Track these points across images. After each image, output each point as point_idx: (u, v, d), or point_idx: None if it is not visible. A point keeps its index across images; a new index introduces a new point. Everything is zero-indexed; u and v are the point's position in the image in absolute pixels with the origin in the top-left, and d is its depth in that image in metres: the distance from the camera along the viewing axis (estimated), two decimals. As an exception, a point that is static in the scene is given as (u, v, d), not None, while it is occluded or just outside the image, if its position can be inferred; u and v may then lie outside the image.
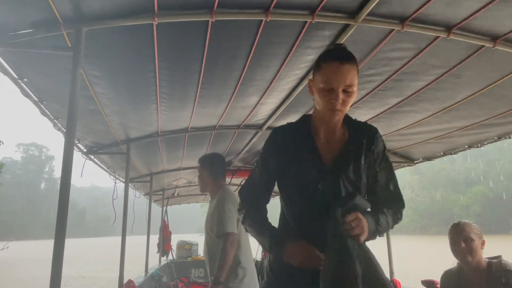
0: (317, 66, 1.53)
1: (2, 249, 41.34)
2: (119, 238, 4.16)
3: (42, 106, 2.56)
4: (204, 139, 4.42)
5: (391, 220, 1.61)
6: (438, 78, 2.62)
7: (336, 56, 1.48)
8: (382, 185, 1.65)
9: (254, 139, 4.44)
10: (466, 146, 3.92)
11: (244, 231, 2.84)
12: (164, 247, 8.54)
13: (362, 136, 1.65)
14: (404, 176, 69.16)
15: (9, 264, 23.38)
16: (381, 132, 3.92)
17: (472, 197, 53.74)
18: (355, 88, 1.48)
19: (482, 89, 2.70)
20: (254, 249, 3.76)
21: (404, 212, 1.70)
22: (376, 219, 1.53)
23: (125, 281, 3.96)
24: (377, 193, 1.65)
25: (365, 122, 1.76)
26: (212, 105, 3.29)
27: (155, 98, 2.87)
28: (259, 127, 4.04)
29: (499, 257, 2.31)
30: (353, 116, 3.65)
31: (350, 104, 1.51)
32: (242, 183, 1.77)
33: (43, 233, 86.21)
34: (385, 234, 4.42)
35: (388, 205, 1.63)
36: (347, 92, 1.46)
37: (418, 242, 37.51)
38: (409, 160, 4.63)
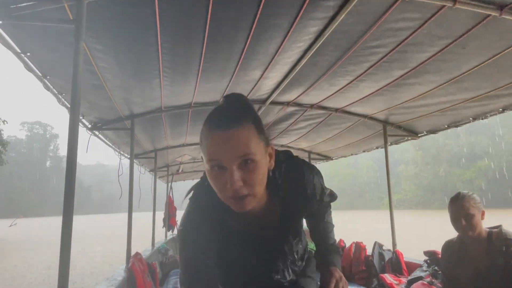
0: (200, 137, 1.06)
1: (10, 225, 42.18)
2: (125, 215, 4.23)
3: (45, 81, 2.56)
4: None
5: (330, 223, 1.48)
6: (443, 49, 2.59)
7: (218, 120, 1.01)
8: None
9: (258, 114, 4.43)
10: (471, 119, 3.90)
11: None
12: (169, 222, 8.72)
13: (295, 197, 1.26)
14: (407, 151, 69.18)
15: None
16: (385, 105, 3.95)
17: (476, 172, 53.83)
18: (257, 157, 1.02)
19: (488, 60, 2.67)
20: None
21: (407, 187, 1.67)
22: (333, 249, 1.41)
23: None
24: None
25: (294, 166, 1.29)
26: (215, 79, 3.28)
27: (158, 72, 2.86)
28: (262, 102, 4.03)
29: (499, 226, 2.33)
30: (357, 90, 3.66)
31: (260, 181, 1.05)
32: None
33: (50, 210, 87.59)
34: (388, 207, 4.53)
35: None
36: (246, 165, 1.01)
37: (421, 216, 37.80)
38: (412, 133, 4.62)
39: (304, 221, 1.43)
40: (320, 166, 7.94)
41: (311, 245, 1.57)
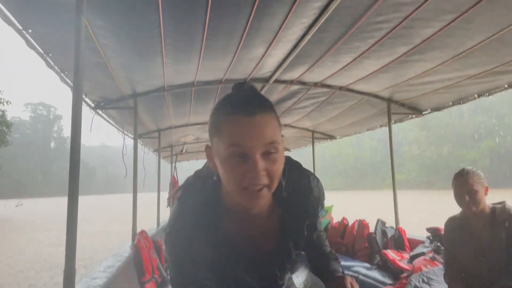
0: (215, 122, 0.97)
1: (17, 206, 42.63)
2: (129, 195, 4.27)
3: (48, 58, 2.55)
4: (211, 94, 4.41)
5: (322, 232, 1.40)
6: (449, 24, 2.55)
7: (242, 106, 0.94)
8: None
9: (261, 93, 4.41)
10: (476, 95, 3.87)
11: None
12: (174, 201, 8.79)
13: (298, 206, 1.19)
14: (411, 131, 69.00)
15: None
16: (389, 82, 3.92)
17: (480, 151, 53.77)
18: (280, 147, 0.97)
19: (494, 35, 2.63)
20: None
21: (410, 167, 1.66)
22: (333, 257, 1.35)
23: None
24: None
25: (299, 174, 1.22)
26: (218, 57, 3.25)
27: (160, 50, 2.84)
28: (266, 80, 4.00)
29: (503, 202, 2.34)
30: (361, 67, 3.63)
31: (279, 175, 0.98)
32: None
33: (55, 191, 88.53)
34: (390, 188, 4.56)
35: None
36: (269, 155, 0.93)
37: (424, 196, 37.97)
38: (417, 111, 4.60)
39: None
40: (324, 146, 7.94)
41: None
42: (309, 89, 4.26)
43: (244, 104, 0.94)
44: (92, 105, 3.92)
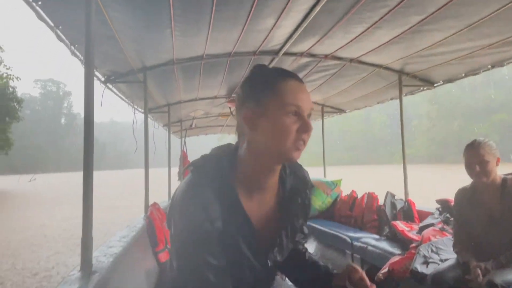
0: (270, 85, 1.09)
1: (30, 181, 43.44)
2: (138, 170, 4.33)
3: (58, 31, 2.55)
4: (220, 67, 4.38)
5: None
6: (464, -9, 2.48)
7: (293, 74, 1.12)
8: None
9: (271, 66, 4.37)
10: (489, 66, 3.80)
11: None
12: (184, 175, 8.90)
13: (297, 194, 1.27)
14: (422, 105, 68.29)
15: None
16: (400, 54, 3.86)
17: (491, 125, 53.16)
18: None
19: (509, 3, 2.56)
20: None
21: (420, 142, 1.66)
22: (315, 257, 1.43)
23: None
24: None
25: (298, 167, 1.33)
26: (227, 29, 3.22)
27: (169, 22, 2.82)
28: (275, 53, 3.96)
29: (514, 173, 2.34)
30: (373, 38, 3.57)
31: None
32: None
33: (66, 166, 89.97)
34: (399, 162, 4.55)
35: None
36: (308, 118, 1.11)
37: (433, 170, 37.88)
38: (428, 83, 4.54)
39: None
40: (333, 120, 7.90)
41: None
42: (319, 61, 4.21)
43: (293, 73, 1.12)
44: (102, 79, 3.94)
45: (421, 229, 3.32)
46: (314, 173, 7.27)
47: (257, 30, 3.29)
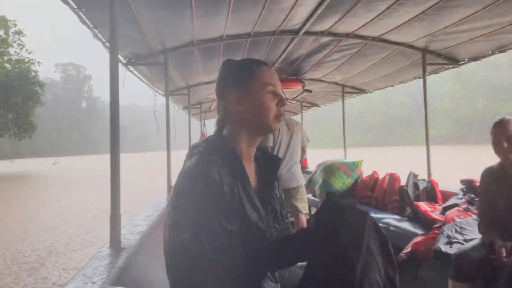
0: (247, 71, 1.32)
1: (54, 163, 44.59)
2: (158, 153, 4.39)
3: (81, 14, 2.58)
4: (239, 48, 4.36)
5: None
6: (493, -36, 2.39)
7: (264, 61, 1.38)
8: None
9: (290, 46, 4.33)
10: (518, 43, 3.67)
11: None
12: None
13: (270, 168, 1.44)
14: (444, 85, 66.68)
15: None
16: (424, 32, 3.76)
17: (516, 105, 51.66)
18: None
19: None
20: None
21: (442, 122, 1.64)
22: None
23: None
24: None
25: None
26: (247, 9, 3.19)
27: (190, 2, 2.81)
28: (295, 32, 3.91)
29: (543, 152, 2.28)
30: (396, 15, 3.47)
31: None
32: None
33: (88, 149, 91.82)
34: (420, 143, 4.44)
35: None
36: None
37: (455, 151, 37.23)
38: (453, 61, 4.41)
39: None
40: (352, 102, 7.81)
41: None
42: (340, 40, 4.14)
43: (263, 61, 1.38)
44: (124, 61, 3.97)
45: (445, 210, 3.29)
46: (334, 155, 7.26)
47: (277, 9, 3.25)
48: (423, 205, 3.58)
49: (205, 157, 1.20)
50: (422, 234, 3.09)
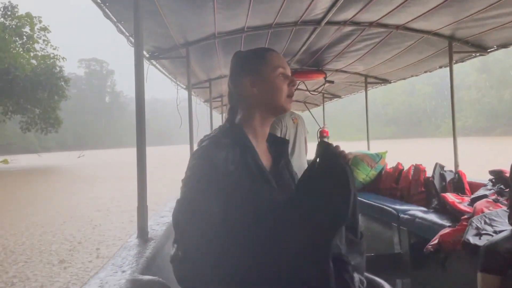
0: (258, 57, 1.43)
1: (79, 157, 45.70)
2: (179, 146, 4.43)
3: (105, 8, 2.61)
4: (260, 40, 4.34)
5: None
6: None
7: (271, 49, 1.50)
8: None
9: (312, 37, 4.28)
10: (550, 27, 3.53)
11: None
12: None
13: (280, 150, 1.51)
14: (470, 75, 64.96)
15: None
16: (451, 18, 3.66)
17: (546, 94, 49.90)
18: None
19: None
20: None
21: (468, 113, 1.63)
22: None
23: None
24: None
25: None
26: (269, -1, 3.17)
27: (212, -7, 2.81)
28: (317, 22, 3.86)
29: None
30: (421, 2, 3.37)
31: None
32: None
33: (112, 142, 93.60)
34: (445, 135, 4.32)
35: None
36: None
37: (482, 142, 36.31)
38: (481, 48, 4.27)
39: None
40: (374, 93, 7.70)
41: None
42: (363, 30, 4.07)
43: (271, 48, 1.52)
44: (147, 55, 4.01)
45: (473, 201, 3.21)
46: (358, 147, 7.18)
47: (299, -1, 3.21)
48: (451, 197, 3.50)
49: (212, 140, 1.30)
50: (449, 226, 3.02)
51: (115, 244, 6.78)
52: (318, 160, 1.31)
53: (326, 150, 1.31)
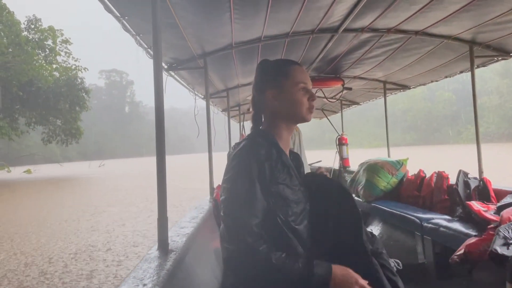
0: (281, 71, 1.57)
1: (100, 166, 46.34)
2: (198, 155, 4.45)
3: (124, 21, 2.65)
4: (277, 49, 4.35)
5: None
6: None
7: (295, 61, 1.63)
8: None
9: (329, 44, 4.26)
10: None
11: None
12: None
13: (296, 160, 1.72)
14: (492, 81, 63.65)
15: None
16: (472, 23, 3.59)
17: None
18: None
19: None
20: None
21: (490, 119, 1.66)
22: None
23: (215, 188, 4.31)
24: None
25: None
26: (286, 8, 3.16)
27: (229, 5, 2.82)
28: (334, 30, 3.84)
29: None
30: (441, 7, 3.30)
31: None
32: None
33: (132, 152, 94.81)
34: (467, 141, 4.22)
35: None
36: None
37: (505, 149, 35.40)
38: (504, 52, 4.17)
39: None
40: (392, 100, 7.60)
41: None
42: (381, 36, 4.03)
43: (295, 61, 1.65)
44: (165, 66, 4.06)
45: (500, 209, 3.11)
46: (376, 154, 7.08)
47: (316, 7, 3.20)
48: (476, 205, 3.40)
49: (252, 140, 1.48)
50: (475, 235, 2.93)
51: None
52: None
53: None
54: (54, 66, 37.04)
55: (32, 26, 35.40)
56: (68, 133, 36.81)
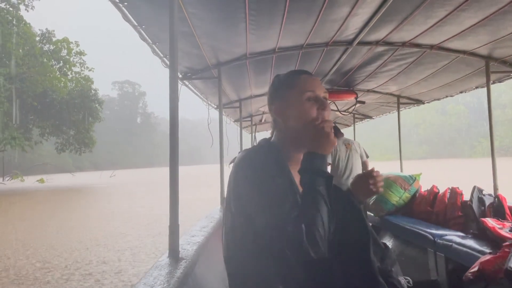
0: (286, 82, 1.44)
1: (111, 176, 46.65)
2: (209, 166, 4.47)
3: (141, 30, 2.69)
4: (291, 60, 4.35)
5: None
6: None
7: (303, 70, 1.48)
8: None
9: (343, 57, 4.26)
10: None
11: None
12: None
13: None
14: (505, 94, 63.00)
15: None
16: (488, 38, 3.56)
17: None
18: None
19: None
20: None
21: (504, 133, 1.61)
22: None
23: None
24: None
25: None
26: (301, 20, 3.17)
27: (244, 16, 2.84)
28: (349, 43, 3.84)
29: None
30: (457, 22, 3.29)
31: None
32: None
33: (143, 162, 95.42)
34: (481, 155, 4.16)
35: None
36: None
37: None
38: (520, 68, 4.14)
39: None
40: (405, 113, 7.51)
41: None
42: (396, 49, 4.01)
43: (304, 70, 1.48)
44: (180, 76, 4.09)
45: (516, 227, 3.05)
46: (389, 168, 7.02)
47: (331, 19, 3.21)
48: (491, 222, 3.33)
49: (253, 149, 1.38)
50: (490, 253, 2.87)
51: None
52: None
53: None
54: (69, 77, 37.56)
55: (47, 37, 36.01)
56: (81, 141, 37.23)
